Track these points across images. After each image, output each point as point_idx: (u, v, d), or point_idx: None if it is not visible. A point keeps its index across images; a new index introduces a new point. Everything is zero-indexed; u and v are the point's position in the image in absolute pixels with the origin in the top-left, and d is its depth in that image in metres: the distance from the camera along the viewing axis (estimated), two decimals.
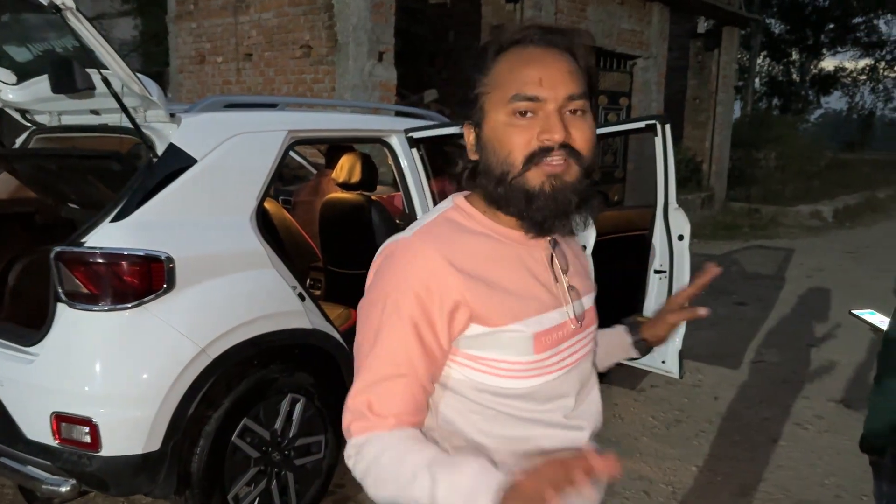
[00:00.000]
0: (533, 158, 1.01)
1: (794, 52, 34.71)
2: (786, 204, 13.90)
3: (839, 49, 33.89)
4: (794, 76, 35.34)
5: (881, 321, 2.02)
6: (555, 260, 1.15)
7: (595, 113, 1.09)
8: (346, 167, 3.71)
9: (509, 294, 1.06)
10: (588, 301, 1.21)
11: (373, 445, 1.00)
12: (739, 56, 19.43)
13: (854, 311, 2.16)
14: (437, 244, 1.05)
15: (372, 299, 1.08)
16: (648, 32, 11.26)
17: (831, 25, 32.44)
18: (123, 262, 2.37)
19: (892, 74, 34.14)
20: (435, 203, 3.44)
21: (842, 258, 9.66)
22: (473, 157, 1.09)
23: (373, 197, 3.69)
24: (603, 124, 3.73)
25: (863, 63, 35.22)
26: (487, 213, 1.10)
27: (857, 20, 31.31)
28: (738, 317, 6.49)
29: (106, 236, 2.40)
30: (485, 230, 1.09)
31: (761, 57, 32.28)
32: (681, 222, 3.46)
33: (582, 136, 1.03)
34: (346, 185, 3.72)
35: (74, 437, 2.34)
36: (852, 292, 7.41)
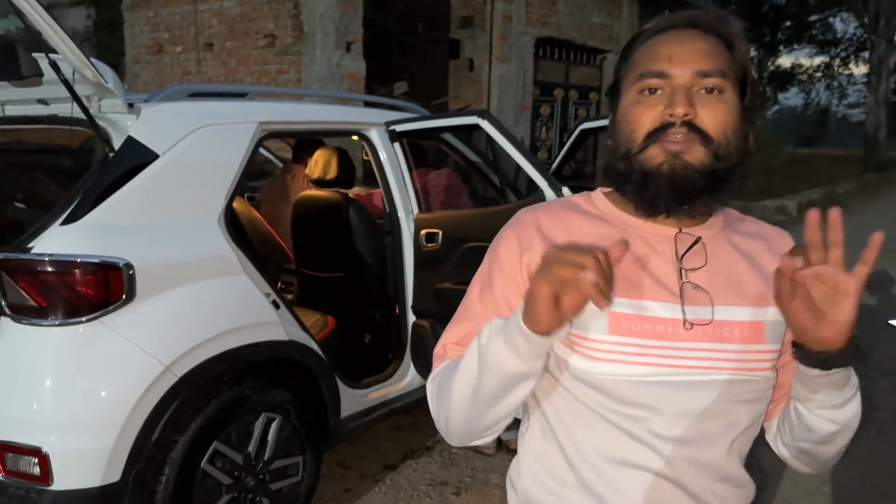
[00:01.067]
0: (654, 134, 0.96)
1: (751, 49, 35.24)
2: (749, 199, 13.99)
3: (796, 46, 34.55)
4: (753, 72, 35.90)
5: None
6: (679, 252, 1.02)
7: (746, 102, 1.00)
8: (321, 163, 3.46)
9: None
10: (732, 312, 1.00)
11: (436, 372, 1.09)
12: None
13: (892, 322, 2.01)
14: (538, 213, 1.08)
15: (483, 260, 1.12)
16: (618, 27, 11.19)
17: (788, 23, 33.01)
18: (76, 271, 2.10)
19: (847, 72, 34.87)
20: (418, 201, 3.23)
21: None
22: (609, 142, 1.05)
23: (350, 194, 3.45)
24: (573, 120, 3.56)
25: (818, 60, 35.93)
26: (617, 203, 1.07)
27: (813, 18, 31.89)
28: None
29: (56, 241, 2.12)
30: (600, 213, 1.07)
31: None
32: None
33: (712, 117, 0.95)
34: (320, 182, 3.47)
35: (21, 470, 2.07)
36: None
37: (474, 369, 0.95)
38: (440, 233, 3.07)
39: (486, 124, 2.86)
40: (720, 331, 0.99)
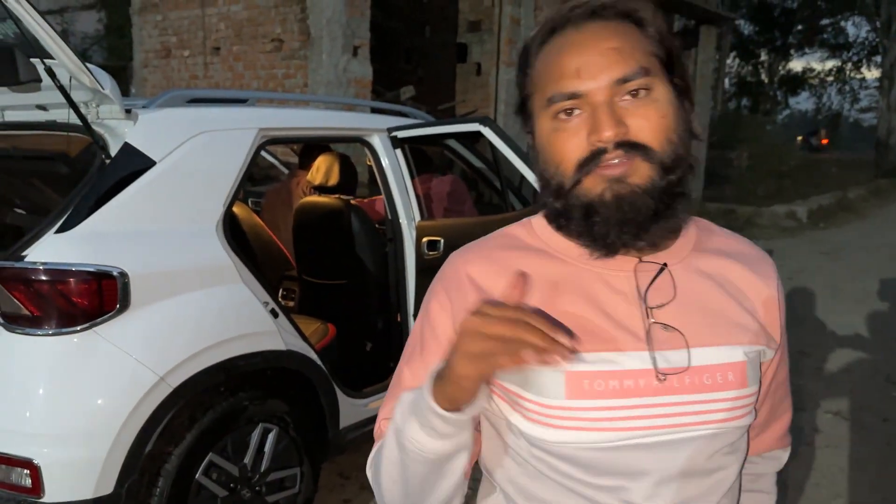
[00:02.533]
0: (586, 164, 0.81)
1: (762, 53, 35.09)
2: (759, 204, 13.90)
3: (807, 50, 34.40)
4: (763, 77, 35.73)
5: None
6: (642, 287, 0.86)
7: (682, 84, 0.85)
8: (323, 169, 3.43)
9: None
10: (710, 355, 0.85)
11: (371, 455, 0.95)
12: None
13: None
14: (468, 260, 0.92)
15: (418, 316, 0.98)
16: None
17: (799, 27, 32.85)
18: (70, 280, 2.07)
19: (859, 76, 34.66)
20: (420, 208, 3.19)
21: (820, 259, 9.61)
22: (534, 171, 0.90)
23: (352, 201, 3.41)
24: None
25: (830, 64, 35.87)
26: (563, 230, 0.90)
27: (825, 22, 31.74)
28: None
29: (50, 249, 2.09)
30: (544, 246, 0.91)
31: (731, 57, 32.57)
32: None
33: (647, 124, 0.80)
34: (322, 189, 3.44)
35: (13, 481, 2.04)
36: (834, 295, 7.32)
37: (395, 458, 0.84)
38: (442, 241, 3.03)
39: (487, 131, 2.82)
40: (699, 378, 0.84)
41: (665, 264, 0.88)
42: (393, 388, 0.96)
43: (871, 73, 34.08)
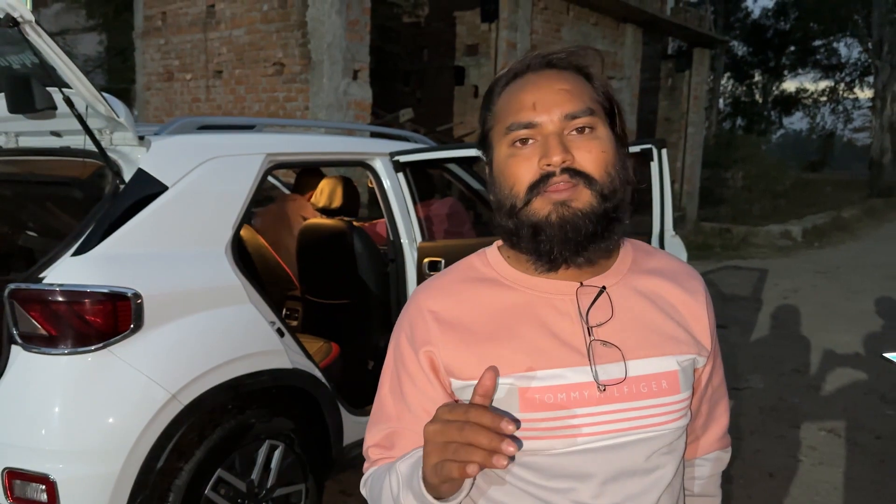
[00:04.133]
0: (536, 186, 0.93)
1: (756, 74, 35.44)
2: (754, 223, 14.02)
3: (800, 71, 34.76)
4: (757, 97, 36.06)
5: None
6: (583, 308, 0.97)
7: (617, 129, 0.99)
8: (327, 191, 3.52)
9: (494, 345, 0.96)
10: (645, 366, 0.96)
11: (365, 477, 1.06)
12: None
13: (885, 355, 2.03)
14: (431, 293, 1.03)
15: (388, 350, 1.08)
16: (622, 53, 11.29)
17: (792, 48, 33.21)
18: (86, 301, 2.14)
19: (852, 96, 34.99)
20: (421, 230, 3.27)
21: (814, 279, 9.70)
22: (490, 197, 1.02)
23: (355, 223, 3.50)
24: None
25: (823, 85, 36.20)
26: (511, 259, 1.02)
27: (817, 43, 32.08)
28: (720, 340, 6.40)
29: (67, 271, 2.17)
30: (497, 276, 1.02)
31: (725, 78, 32.89)
32: (678, 250, 3.33)
33: (590, 156, 0.93)
34: (326, 211, 3.52)
35: (29, 496, 2.09)
36: (828, 314, 7.40)
37: None
38: (443, 262, 3.11)
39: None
40: (636, 387, 0.95)
41: (604, 287, 0.99)
42: (376, 419, 1.06)
43: (864, 94, 34.39)
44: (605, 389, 0.94)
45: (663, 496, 0.98)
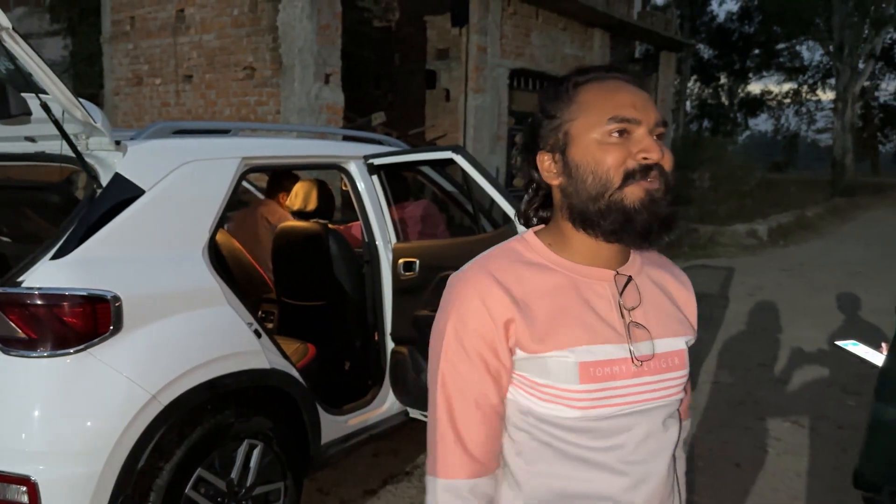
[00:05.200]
0: (633, 175, 1.04)
1: (722, 77, 36.06)
2: (721, 223, 14.25)
3: (764, 73, 35.42)
4: (723, 99, 36.69)
5: (865, 352, 2.00)
6: (617, 295, 1.11)
7: None
8: (302, 194, 3.56)
9: (555, 322, 1.07)
10: (666, 344, 1.13)
11: None
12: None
13: (837, 343, 2.13)
14: (490, 269, 1.09)
15: (437, 330, 1.12)
16: (590, 57, 11.46)
17: (757, 51, 33.85)
18: (65, 304, 2.17)
19: (815, 98, 35.77)
20: (396, 232, 3.33)
21: (780, 276, 9.91)
22: (555, 181, 1.11)
23: (330, 226, 3.55)
24: None
25: (787, 87, 36.88)
26: (553, 247, 1.13)
27: (781, 46, 32.73)
28: None
29: (45, 275, 2.20)
30: (543, 261, 1.12)
31: (692, 81, 33.40)
32: None
33: (668, 159, 1.07)
34: (301, 214, 3.57)
35: (10, 498, 2.11)
36: (793, 310, 7.59)
37: None
38: (417, 262, 3.17)
39: (459, 158, 2.98)
40: (660, 363, 1.11)
41: (631, 276, 1.13)
42: (459, 400, 1.09)
43: (826, 96, 35.26)
44: (640, 365, 1.09)
45: (673, 452, 1.16)
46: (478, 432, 1.08)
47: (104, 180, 2.39)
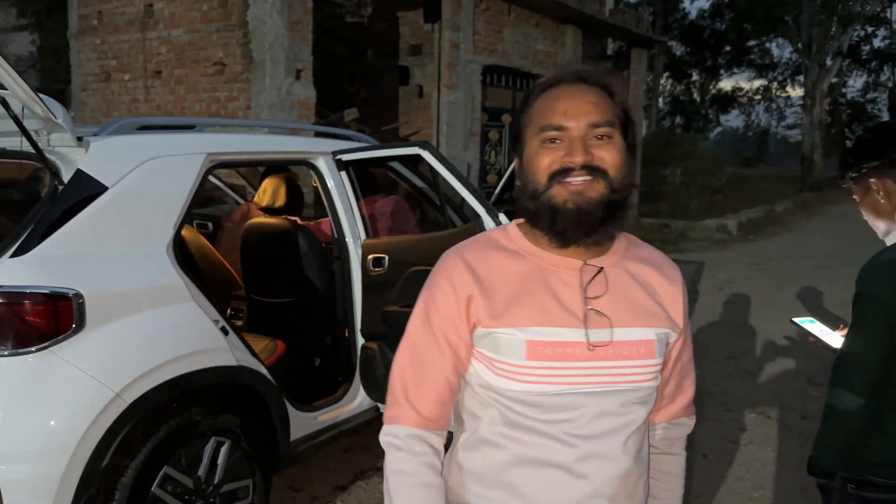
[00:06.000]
0: (555, 176, 1.14)
1: (694, 73, 36.41)
2: (693, 218, 14.43)
3: (735, 70, 35.80)
4: (695, 96, 37.05)
5: (820, 330, 2.04)
6: (584, 283, 1.18)
7: (632, 143, 1.19)
8: (270, 190, 3.55)
9: (512, 302, 1.17)
10: (628, 333, 1.18)
11: (393, 455, 1.23)
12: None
13: (794, 319, 2.18)
14: (463, 253, 1.24)
15: (416, 302, 1.27)
16: (562, 54, 11.52)
17: (728, 48, 34.20)
18: (26, 302, 2.15)
19: (784, 94, 36.24)
20: (365, 228, 3.33)
21: (749, 270, 10.07)
22: (518, 182, 1.23)
23: (299, 221, 3.54)
24: None
25: (757, 83, 37.28)
26: (528, 236, 1.23)
27: (751, 43, 33.10)
28: None
29: (6, 273, 2.17)
30: (516, 248, 1.23)
31: (664, 77, 33.70)
32: None
33: (606, 157, 1.14)
34: (269, 210, 3.55)
35: None
36: (761, 303, 7.71)
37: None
38: (386, 257, 3.18)
39: (427, 155, 2.99)
40: (619, 350, 1.17)
41: (602, 268, 1.20)
42: (413, 355, 1.24)
43: (795, 92, 35.68)
44: (593, 349, 1.15)
45: (632, 436, 1.20)
46: (426, 396, 1.22)
47: (66, 177, 2.36)
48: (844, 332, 1.87)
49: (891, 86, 32.84)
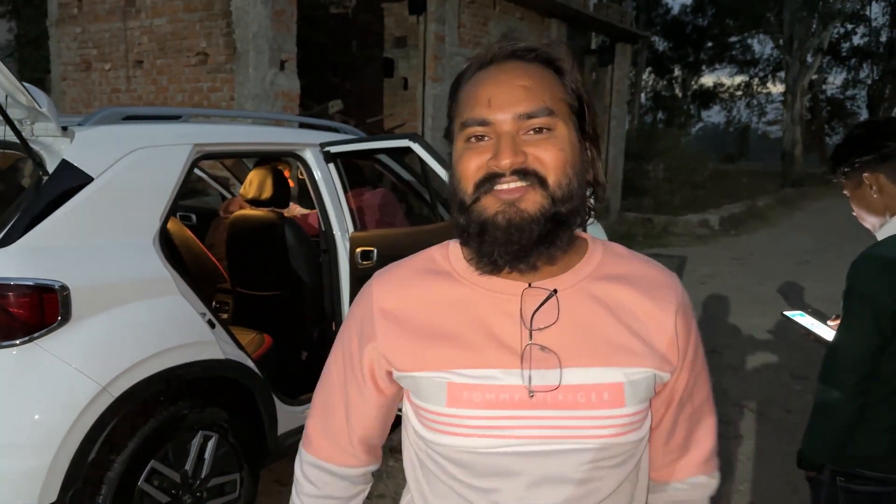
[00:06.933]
0: (482, 185, 0.89)
1: (676, 69, 36.60)
2: (675, 213, 14.52)
3: (717, 66, 36.04)
4: (677, 91, 37.25)
5: (812, 324, 2.06)
6: (526, 311, 0.93)
7: (587, 127, 0.94)
8: (256, 182, 3.51)
9: (433, 337, 0.95)
10: (582, 375, 0.91)
11: (298, 484, 1.11)
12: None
13: (785, 313, 2.20)
14: (382, 285, 1.02)
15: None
16: None
17: (710, 44, 34.41)
18: (10, 294, 2.11)
19: (765, 90, 36.55)
20: (353, 220, 3.31)
21: (730, 265, 10.14)
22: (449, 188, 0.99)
23: (285, 213, 3.50)
24: None
25: (739, 79, 37.58)
26: (468, 255, 0.98)
27: (733, 39, 33.34)
28: None
29: None
30: (450, 270, 0.99)
31: (646, 73, 33.85)
32: (598, 235, 3.47)
33: (545, 156, 0.88)
34: (255, 202, 3.52)
35: None
36: (743, 298, 7.77)
37: None
38: (375, 251, 3.16)
39: (416, 147, 2.97)
40: (572, 396, 0.91)
41: (555, 291, 0.94)
42: (324, 387, 1.09)
43: (776, 88, 36.05)
44: (533, 395, 0.91)
45: None
46: (337, 422, 1.06)
47: (51, 167, 2.32)
48: (836, 322, 1.88)
49: (870, 83, 33.21)
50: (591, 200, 0.96)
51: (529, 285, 0.94)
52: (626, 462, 0.95)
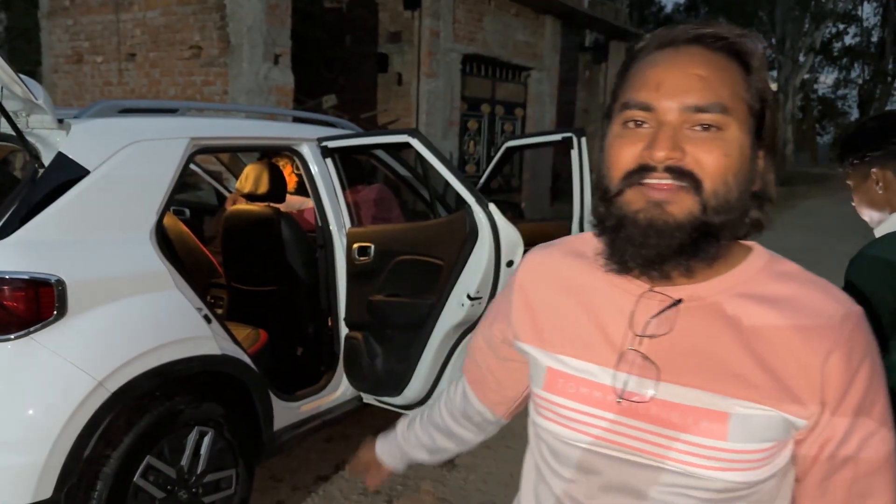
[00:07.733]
0: (630, 176, 0.81)
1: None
2: None
3: None
4: None
5: None
6: (637, 314, 0.87)
7: (769, 143, 0.85)
8: (252, 177, 3.49)
9: (551, 317, 0.96)
10: (684, 395, 0.83)
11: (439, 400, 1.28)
12: None
13: None
14: (535, 259, 1.04)
15: None
16: (542, 44, 11.52)
17: None
18: (5, 287, 2.08)
19: None
20: (350, 216, 3.29)
21: None
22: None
23: (281, 209, 3.49)
24: (500, 135, 3.71)
25: None
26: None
27: None
28: None
29: None
30: (588, 251, 0.93)
31: None
32: None
33: (708, 158, 0.79)
34: (251, 196, 3.50)
35: None
36: None
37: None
38: (372, 246, 3.14)
39: (415, 142, 2.96)
40: (666, 413, 0.84)
41: (679, 300, 0.85)
42: (481, 327, 1.17)
43: None
44: (620, 402, 0.86)
45: None
46: (474, 357, 1.17)
47: (46, 160, 2.30)
48: None
49: (860, 83, 33.39)
50: (756, 214, 0.87)
51: (651, 288, 0.87)
52: (735, 501, 0.84)
